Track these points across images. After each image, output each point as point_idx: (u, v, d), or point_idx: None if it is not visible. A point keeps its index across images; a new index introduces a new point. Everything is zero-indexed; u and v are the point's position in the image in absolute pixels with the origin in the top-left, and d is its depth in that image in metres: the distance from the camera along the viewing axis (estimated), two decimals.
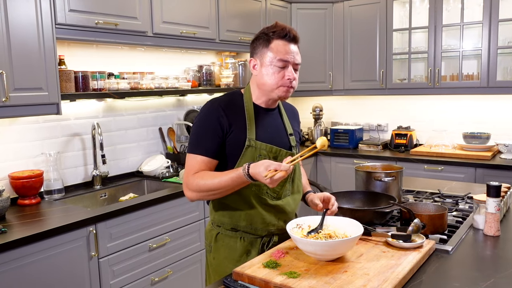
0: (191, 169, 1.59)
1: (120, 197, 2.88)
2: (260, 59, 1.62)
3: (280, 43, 1.59)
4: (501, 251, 1.60)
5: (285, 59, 1.58)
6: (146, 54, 3.20)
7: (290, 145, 1.71)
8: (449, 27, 3.68)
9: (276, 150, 1.63)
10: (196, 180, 1.55)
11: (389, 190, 2.03)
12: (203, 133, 1.59)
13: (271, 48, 1.59)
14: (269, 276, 1.31)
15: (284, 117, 1.75)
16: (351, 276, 1.30)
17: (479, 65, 3.58)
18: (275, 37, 1.59)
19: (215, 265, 1.68)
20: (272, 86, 1.60)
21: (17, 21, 2.14)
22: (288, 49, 1.59)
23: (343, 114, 4.64)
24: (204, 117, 1.61)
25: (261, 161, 1.45)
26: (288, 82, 1.59)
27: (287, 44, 1.59)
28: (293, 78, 1.59)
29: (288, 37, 1.59)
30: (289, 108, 1.84)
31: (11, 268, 1.90)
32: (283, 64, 1.58)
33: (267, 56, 1.59)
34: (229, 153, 1.61)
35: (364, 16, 4.02)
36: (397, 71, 4.04)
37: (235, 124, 1.60)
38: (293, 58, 1.59)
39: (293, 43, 1.61)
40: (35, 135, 2.60)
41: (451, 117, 4.00)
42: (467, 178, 3.38)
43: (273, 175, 1.40)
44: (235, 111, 1.62)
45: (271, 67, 1.58)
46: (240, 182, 1.50)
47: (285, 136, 1.71)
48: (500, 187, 1.69)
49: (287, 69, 1.59)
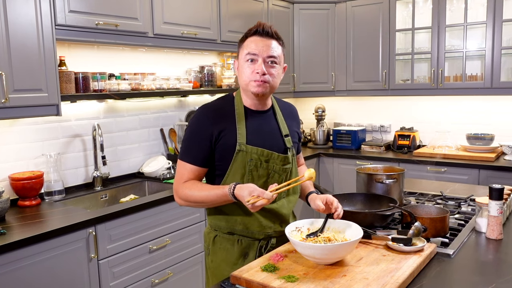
0: (181, 176, 1.62)
1: (121, 198, 2.88)
2: (238, 60, 1.63)
3: (251, 39, 1.59)
4: (504, 255, 1.57)
5: (252, 52, 1.56)
6: (147, 55, 3.19)
7: (285, 147, 1.67)
8: (453, 28, 3.65)
9: (268, 153, 1.61)
10: (185, 190, 1.59)
11: (390, 192, 2.01)
12: (192, 141, 1.60)
13: (244, 46, 1.60)
14: (267, 280, 1.30)
15: (279, 118, 1.71)
16: (350, 281, 1.28)
17: (482, 66, 3.55)
18: (249, 35, 1.60)
19: (213, 268, 1.66)
20: (245, 81, 1.59)
21: (16, 22, 2.13)
22: (258, 43, 1.57)
23: (346, 115, 4.61)
24: (194, 125, 1.62)
25: (246, 185, 1.46)
26: (257, 76, 1.55)
27: (258, 38, 1.58)
28: (262, 72, 1.55)
29: (260, 32, 1.58)
30: (286, 107, 1.80)
31: (9, 270, 1.89)
32: (251, 57, 1.56)
33: (241, 54, 1.60)
34: (221, 158, 1.60)
35: (367, 16, 3.99)
36: (400, 72, 4.02)
37: (226, 129, 1.59)
38: (262, 51, 1.56)
39: (266, 37, 1.58)
40: (35, 136, 2.59)
41: (454, 118, 3.97)
42: (470, 179, 3.35)
43: (255, 201, 1.41)
44: (225, 116, 1.61)
45: (243, 64, 1.59)
46: (225, 200, 1.52)
47: (279, 138, 1.68)
48: (503, 189, 1.67)
49: (256, 63, 1.56)
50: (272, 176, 1.63)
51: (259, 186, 1.59)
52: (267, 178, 1.62)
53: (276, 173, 1.63)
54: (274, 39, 1.60)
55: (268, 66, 1.57)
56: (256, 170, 1.60)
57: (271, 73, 1.57)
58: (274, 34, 1.60)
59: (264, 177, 1.62)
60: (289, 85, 4.16)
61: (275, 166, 1.62)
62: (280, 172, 1.64)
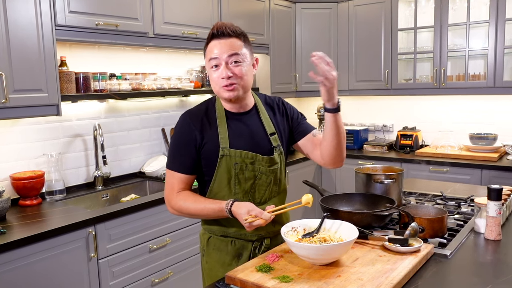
0: (171, 187, 1.60)
1: (121, 198, 2.89)
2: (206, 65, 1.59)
3: (211, 44, 1.53)
4: (502, 255, 1.56)
5: (211, 56, 1.50)
6: (149, 55, 3.20)
7: (271, 147, 1.63)
8: (455, 27, 3.63)
9: (252, 155, 1.58)
10: (179, 202, 1.58)
11: (389, 193, 2.00)
12: (177, 150, 1.60)
13: (206, 53, 1.56)
14: (261, 280, 1.30)
15: (263, 117, 1.65)
16: (345, 281, 1.28)
17: (485, 65, 3.53)
18: (208, 41, 1.55)
19: (207, 269, 1.67)
20: (215, 89, 1.55)
21: (16, 23, 2.14)
22: (217, 47, 1.50)
23: (349, 115, 4.60)
24: (177, 133, 1.61)
25: (244, 204, 1.46)
26: (223, 81, 1.50)
27: (216, 42, 1.51)
28: (226, 75, 1.49)
29: (216, 35, 1.51)
30: (271, 102, 1.71)
31: (8, 269, 1.91)
32: (214, 62, 1.50)
33: (206, 61, 1.56)
34: (206, 164, 1.59)
35: (369, 15, 3.98)
36: (402, 71, 4.00)
37: (208, 135, 1.57)
38: (221, 53, 1.49)
39: (224, 37, 1.51)
40: (36, 136, 2.61)
41: (457, 118, 3.95)
42: (473, 179, 3.33)
43: (252, 220, 1.41)
44: (206, 122, 1.59)
45: (209, 71, 1.55)
46: (221, 215, 1.52)
47: (264, 138, 1.63)
48: (501, 190, 1.65)
49: (220, 68, 1.51)
50: (259, 178, 1.60)
51: (246, 188, 1.59)
52: (254, 180, 1.60)
53: (263, 174, 1.60)
54: (232, 37, 1.52)
55: (233, 67, 1.50)
56: (242, 173, 1.58)
57: (237, 74, 1.50)
58: (232, 32, 1.52)
59: (251, 180, 1.60)
60: (291, 84, 4.15)
61: (262, 168, 1.59)
62: (267, 173, 1.61)
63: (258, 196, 1.62)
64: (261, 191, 1.62)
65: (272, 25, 3.82)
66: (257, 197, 1.62)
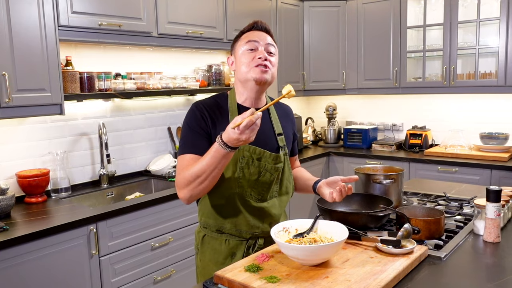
0: (181, 169, 1.54)
1: (126, 196, 2.92)
2: (235, 54, 1.64)
3: (249, 33, 1.63)
4: (499, 258, 1.53)
5: (251, 39, 1.59)
6: (154, 54, 3.22)
7: (278, 146, 1.66)
8: (466, 24, 3.57)
9: (260, 151, 1.60)
10: (183, 175, 1.52)
11: (388, 193, 1.98)
12: (190, 134, 1.59)
13: (242, 39, 1.63)
14: (248, 280, 1.29)
15: (273, 116, 1.71)
16: (332, 282, 1.27)
17: (496, 63, 3.45)
18: (245, 32, 1.64)
19: (201, 267, 1.67)
20: (245, 70, 1.58)
21: (20, 23, 2.18)
22: (255, 34, 1.61)
23: (358, 114, 4.56)
24: (189, 119, 1.62)
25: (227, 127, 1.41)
26: (259, 60, 1.56)
27: (255, 31, 1.63)
28: (265, 57, 1.56)
29: (255, 27, 1.63)
30: (281, 108, 1.79)
31: (11, 265, 1.95)
32: (252, 45, 1.59)
33: (239, 46, 1.62)
34: None
35: (378, 13, 3.93)
36: (411, 70, 3.94)
37: (219, 126, 1.58)
38: (260, 39, 1.60)
39: (263, 31, 1.63)
40: (42, 135, 2.65)
41: (467, 117, 3.88)
42: (482, 180, 3.26)
43: (240, 123, 1.33)
44: (219, 113, 1.61)
45: (242, 53, 1.60)
46: (220, 157, 1.42)
47: (272, 136, 1.67)
48: (500, 191, 1.62)
49: (257, 50, 1.58)
50: (263, 175, 1.61)
51: (250, 184, 1.60)
52: (258, 177, 1.61)
53: (267, 171, 1.62)
54: (270, 35, 1.64)
55: (268, 55, 1.59)
56: (247, 168, 1.59)
57: (272, 61, 1.59)
58: (270, 31, 1.66)
59: (256, 175, 1.60)
60: (299, 83, 4.13)
61: (267, 165, 1.61)
62: (271, 171, 1.62)
63: (259, 193, 1.63)
64: (263, 188, 1.62)
65: (280, 24, 3.80)
66: (258, 194, 1.62)
